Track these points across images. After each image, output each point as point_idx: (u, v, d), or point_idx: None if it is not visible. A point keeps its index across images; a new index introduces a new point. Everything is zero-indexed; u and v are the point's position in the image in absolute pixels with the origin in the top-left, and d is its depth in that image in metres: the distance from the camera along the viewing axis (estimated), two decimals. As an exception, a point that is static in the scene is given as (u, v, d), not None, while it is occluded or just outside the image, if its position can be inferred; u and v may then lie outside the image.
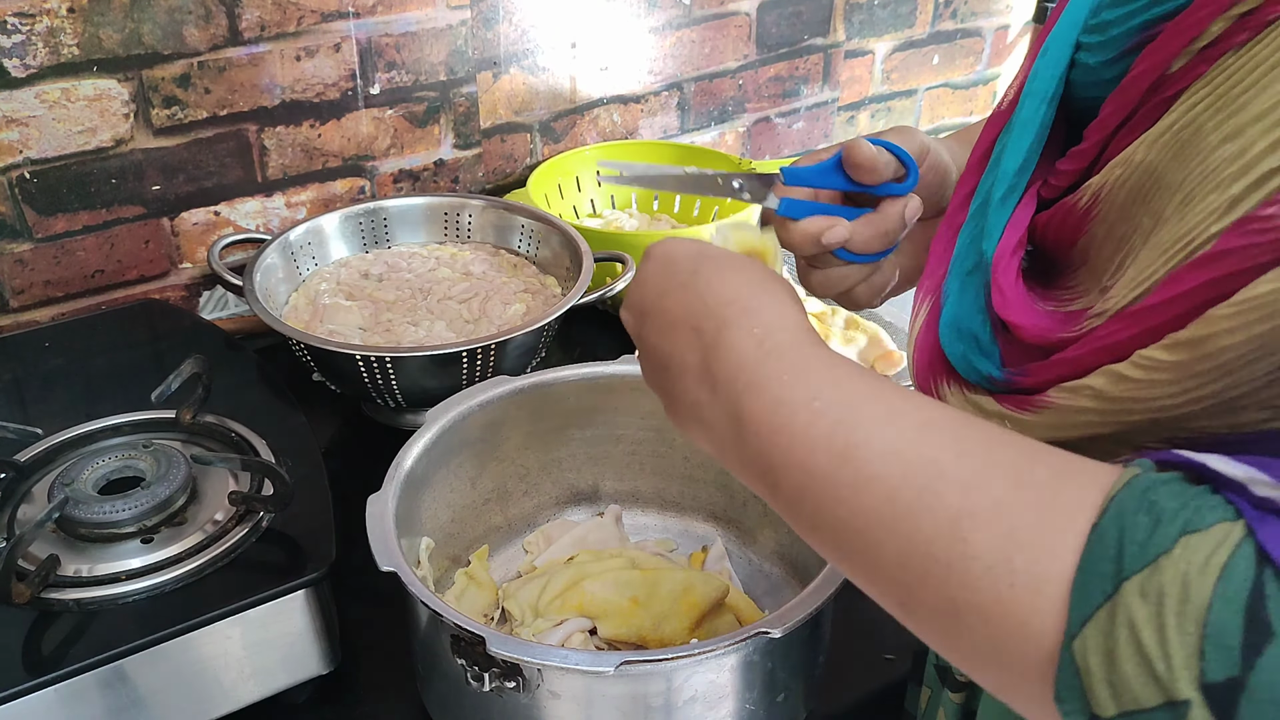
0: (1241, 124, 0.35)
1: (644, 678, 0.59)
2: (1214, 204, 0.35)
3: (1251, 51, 0.36)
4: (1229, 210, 0.34)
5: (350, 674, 0.75)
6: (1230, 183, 0.34)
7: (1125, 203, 0.41)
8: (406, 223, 1.14)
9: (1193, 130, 0.38)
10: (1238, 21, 0.37)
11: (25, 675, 0.60)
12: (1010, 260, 0.45)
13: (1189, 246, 0.35)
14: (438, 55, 1.16)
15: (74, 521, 0.69)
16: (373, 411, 1.02)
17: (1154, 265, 0.37)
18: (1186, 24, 0.39)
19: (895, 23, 1.54)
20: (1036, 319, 0.43)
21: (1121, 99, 0.42)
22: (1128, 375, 0.36)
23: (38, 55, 0.95)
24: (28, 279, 1.03)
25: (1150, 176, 0.40)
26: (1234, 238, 0.33)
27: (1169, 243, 0.37)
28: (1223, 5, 0.37)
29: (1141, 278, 0.37)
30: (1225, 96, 0.37)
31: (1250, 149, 0.34)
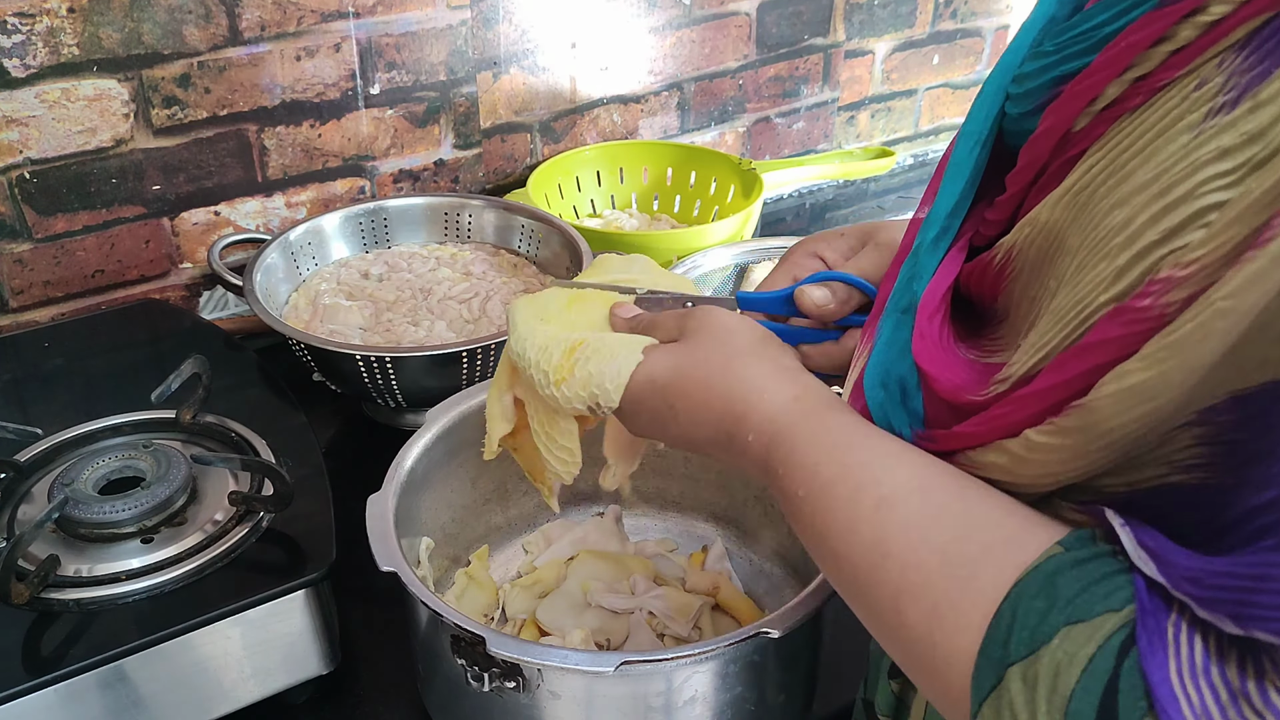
0: (1128, 192, 0.35)
1: (644, 678, 0.59)
2: (1103, 273, 0.35)
3: (1142, 116, 0.37)
4: (1115, 281, 0.35)
5: (350, 674, 0.75)
6: (1117, 253, 0.35)
7: (1035, 262, 0.42)
8: (406, 223, 1.14)
9: (1089, 194, 0.39)
10: (1132, 85, 0.38)
11: (25, 675, 0.60)
12: (937, 307, 0.46)
13: (1080, 315, 0.36)
14: (438, 55, 1.16)
15: (74, 521, 0.69)
16: (373, 411, 1.02)
17: (1050, 333, 0.38)
18: (1083, 86, 0.40)
19: (895, 23, 1.54)
20: (951, 369, 0.44)
21: (1032, 152, 0.43)
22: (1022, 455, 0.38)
23: (38, 55, 0.95)
24: (28, 279, 1.03)
25: (1054, 238, 0.40)
26: (1111, 327, 0.34)
27: (1064, 310, 0.37)
28: (1116, 69, 0.38)
29: (1040, 343, 0.38)
30: (1116, 161, 0.37)
31: (1135, 219, 0.34)
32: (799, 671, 0.67)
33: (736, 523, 0.85)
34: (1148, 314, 0.33)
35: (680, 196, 1.32)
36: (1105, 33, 0.39)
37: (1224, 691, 0.30)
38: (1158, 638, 0.31)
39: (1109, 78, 0.38)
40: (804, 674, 0.68)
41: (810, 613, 0.60)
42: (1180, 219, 0.33)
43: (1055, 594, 0.34)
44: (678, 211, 1.33)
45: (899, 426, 0.45)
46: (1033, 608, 0.34)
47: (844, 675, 0.74)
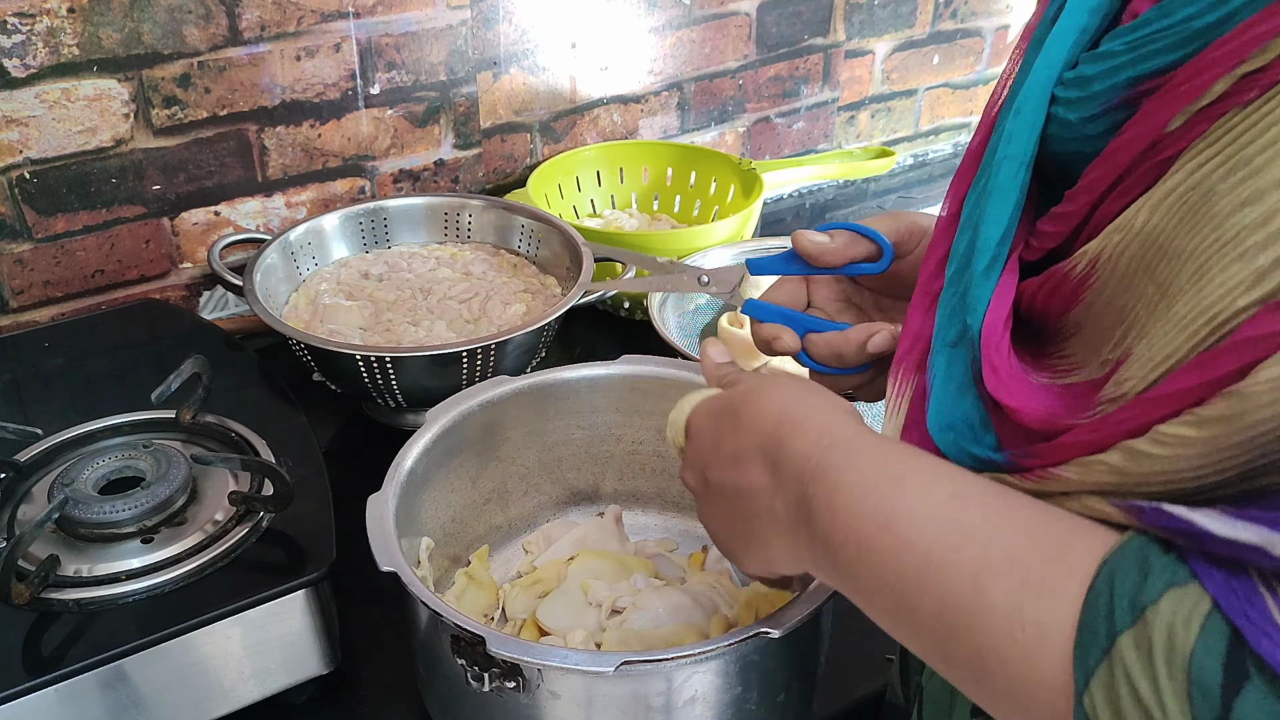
0: (1262, 188, 0.33)
1: (644, 678, 0.59)
2: (1238, 275, 0.33)
3: (1262, 109, 0.34)
4: (1257, 283, 0.32)
5: (350, 674, 0.75)
6: (1256, 253, 0.33)
7: (1127, 271, 0.39)
8: (406, 223, 1.14)
9: (1202, 194, 0.36)
10: (1241, 80, 0.35)
11: (25, 675, 0.60)
12: (1001, 335, 0.44)
13: (1214, 322, 0.34)
14: (438, 55, 1.16)
15: (74, 521, 0.69)
16: (373, 411, 1.02)
17: (1176, 342, 0.35)
18: (1187, 86, 0.37)
19: (895, 23, 1.54)
20: (1036, 401, 0.42)
21: (1110, 164, 0.41)
22: (1148, 452, 0.36)
23: (38, 55, 0.95)
24: (28, 279, 1.03)
25: (1154, 244, 0.38)
26: (1271, 321, 0.32)
27: (1189, 318, 0.35)
28: (1228, 65, 0.36)
29: (1162, 356, 0.36)
30: (1238, 158, 0.35)
31: (1275, 217, 0.32)
32: (799, 671, 0.67)
33: (736, 523, 0.85)
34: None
35: (680, 196, 1.32)
36: (1197, 26, 0.37)
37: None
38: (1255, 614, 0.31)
39: (1219, 74, 0.36)
40: (804, 674, 0.68)
41: (810, 613, 0.60)
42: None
43: (1149, 564, 0.34)
44: (678, 211, 1.33)
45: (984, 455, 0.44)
46: (1129, 578, 0.34)
47: (844, 675, 0.74)
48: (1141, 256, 0.39)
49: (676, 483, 0.86)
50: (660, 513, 0.88)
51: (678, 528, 0.87)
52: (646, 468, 0.86)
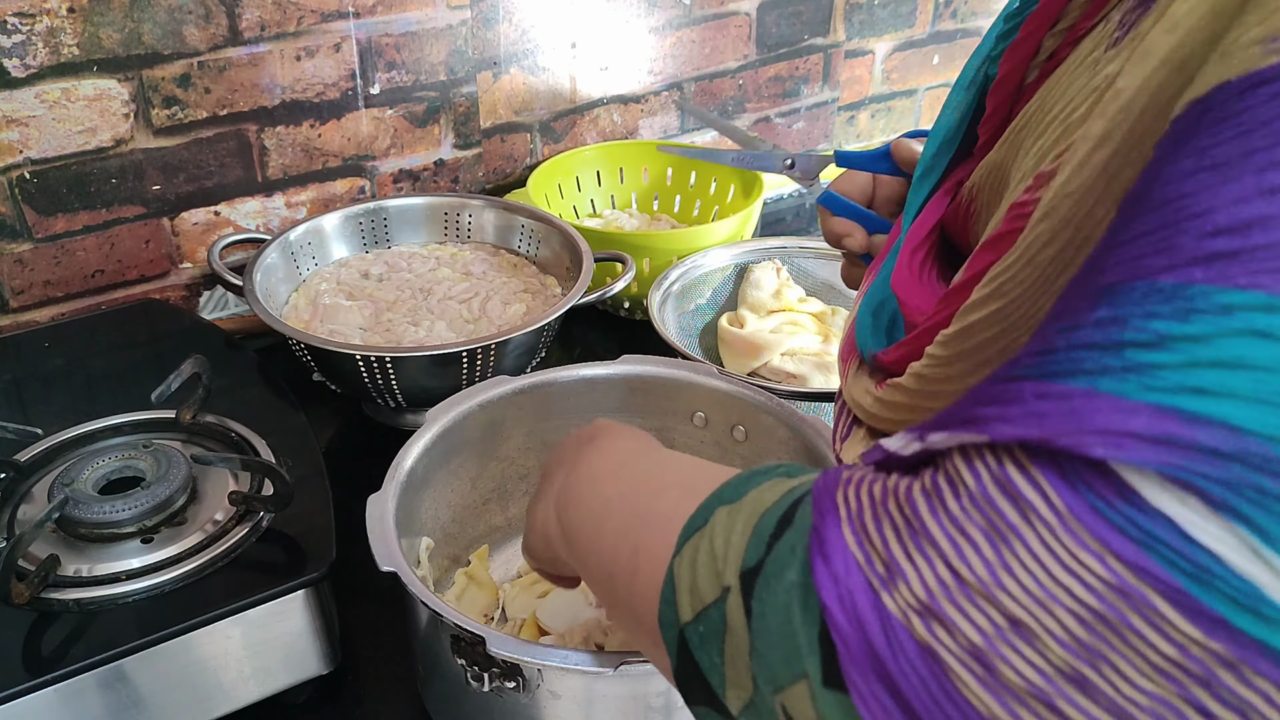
0: (1048, 122, 0.39)
1: (644, 678, 0.59)
2: (1016, 197, 0.38)
3: (1067, 61, 0.41)
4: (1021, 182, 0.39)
5: (350, 674, 0.75)
6: (1028, 175, 0.38)
7: (988, 200, 0.45)
8: (406, 223, 1.14)
9: (1025, 130, 0.42)
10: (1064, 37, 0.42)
11: (25, 675, 0.60)
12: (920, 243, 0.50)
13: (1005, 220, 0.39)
14: (438, 55, 1.16)
15: (74, 521, 0.69)
16: (373, 411, 1.02)
17: None
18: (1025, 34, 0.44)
19: (895, 23, 1.54)
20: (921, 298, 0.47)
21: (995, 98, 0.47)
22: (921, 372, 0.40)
23: (38, 55, 0.95)
24: (28, 279, 1.03)
25: (1000, 174, 0.44)
26: (1007, 222, 0.36)
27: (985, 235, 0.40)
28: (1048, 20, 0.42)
29: None
30: (1045, 101, 0.41)
31: (1043, 145, 0.38)
32: (799, 671, 0.67)
33: (736, 523, 0.85)
34: (1025, 209, 0.35)
35: (680, 196, 1.32)
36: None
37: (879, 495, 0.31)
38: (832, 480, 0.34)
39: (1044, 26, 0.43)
40: (804, 674, 0.68)
41: (810, 613, 0.60)
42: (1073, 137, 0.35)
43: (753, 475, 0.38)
44: (678, 211, 1.33)
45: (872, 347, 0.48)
46: (733, 482, 0.38)
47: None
48: (995, 186, 0.45)
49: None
50: (660, 513, 0.88)
51: (678, 528, 0.87)
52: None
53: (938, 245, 0.50)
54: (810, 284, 1.13)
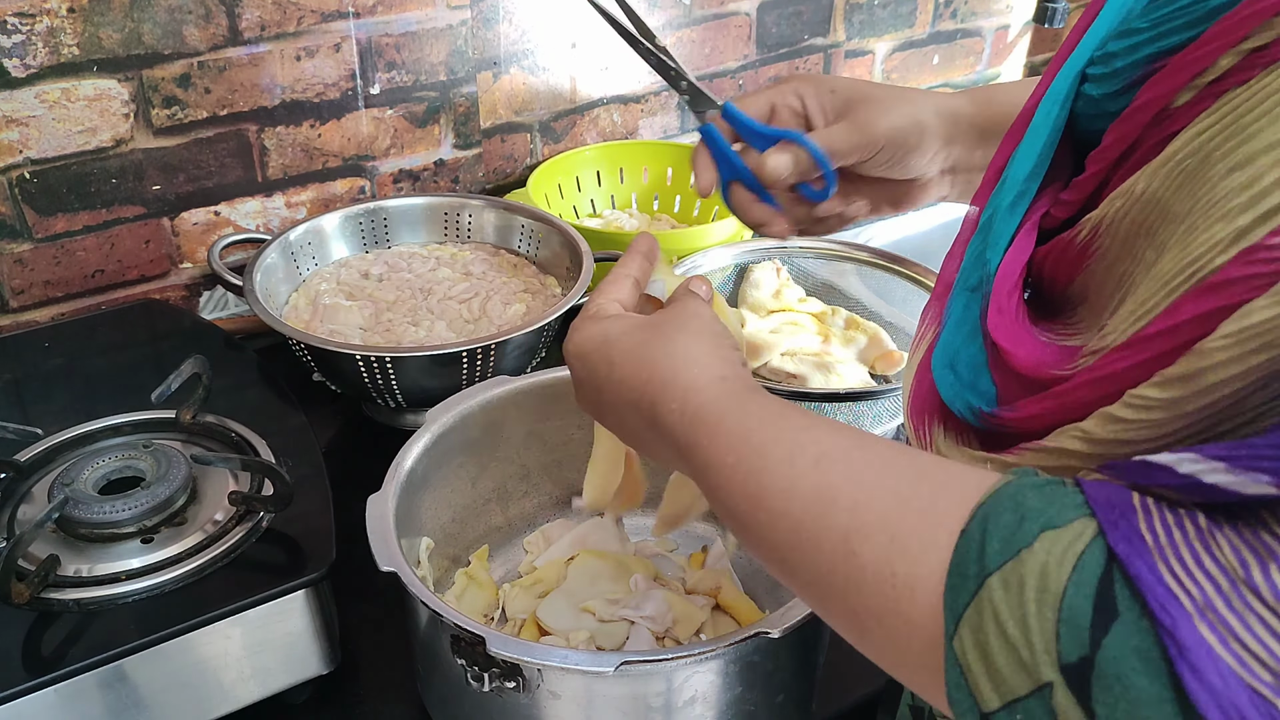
0: (1252, 153, 0.34)
1: (644, 678, 0.59)
2: (1219, 234, 0.33)
3: (1262, 83, 0.35)
4: (1235, 241, 0.32)
5: (350, 674, 0.75)
6: (1238, 213, 0.33)
7: (1127, 236, 0.40)
8: (406, 223, 1.14)
9: (1199, 160, 0.36)
10: (1247, 57, 0.36)
11: (25, 675, 0.60)
12: (1015, 283, 0.44)
13: (1193, 278, 0.34)
14: (438, 55, 1.16)
15: (74, 521, 0.69)
16: (373, 411, 1.02)
17: (1155, 297, 0.36)
18: (1193, 57, 0.38)
19: (895, 23, 1.54)
20: (1031, 347, 0.42)
21: (1123, 129, 0.41)
22: (1120, 416, 0.35)
23: (38, 55, 0.95)
24: (28, 279, 1.03)
25: (1154, 208, 0.38)
26: (1237, 267, 0.32)
27: (1170, 273, 0.35)
28: (1232, 40, 0.36)
29: (1141, 311, 0.36)
30: (1234, 126, 0.35)
31: (1261, 179, 0.32)
32: (799, 671, 0.67)
33: (736, 523, 0.85)
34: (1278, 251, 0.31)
35: (680, 196, 1.32)
36: (1212, 5, 0.37)
37: (1224, 580, 0.29)
38: (1135, 538, 0.30)
39: (1224, 48, 0.37)
40: (804, 674, 0.68)
41: (810, 613, 0.60)
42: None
43: (1024, 507, 0.33)
44: (678, 211, 1.33)
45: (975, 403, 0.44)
46: (1003, 521, 0.33)
47: (844, 675, 0.74)
48: (1141, 221, 0.39)
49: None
50: (660, 513, 0.88)
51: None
52: (647, 468, 0.86)
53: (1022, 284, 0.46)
54: (810, 284, 1.13)
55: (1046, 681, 0.30)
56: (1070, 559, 0.31)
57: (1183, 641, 0.28)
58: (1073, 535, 0.31)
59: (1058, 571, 0.31)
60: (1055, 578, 0.31)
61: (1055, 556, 0.31)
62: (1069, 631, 0.30)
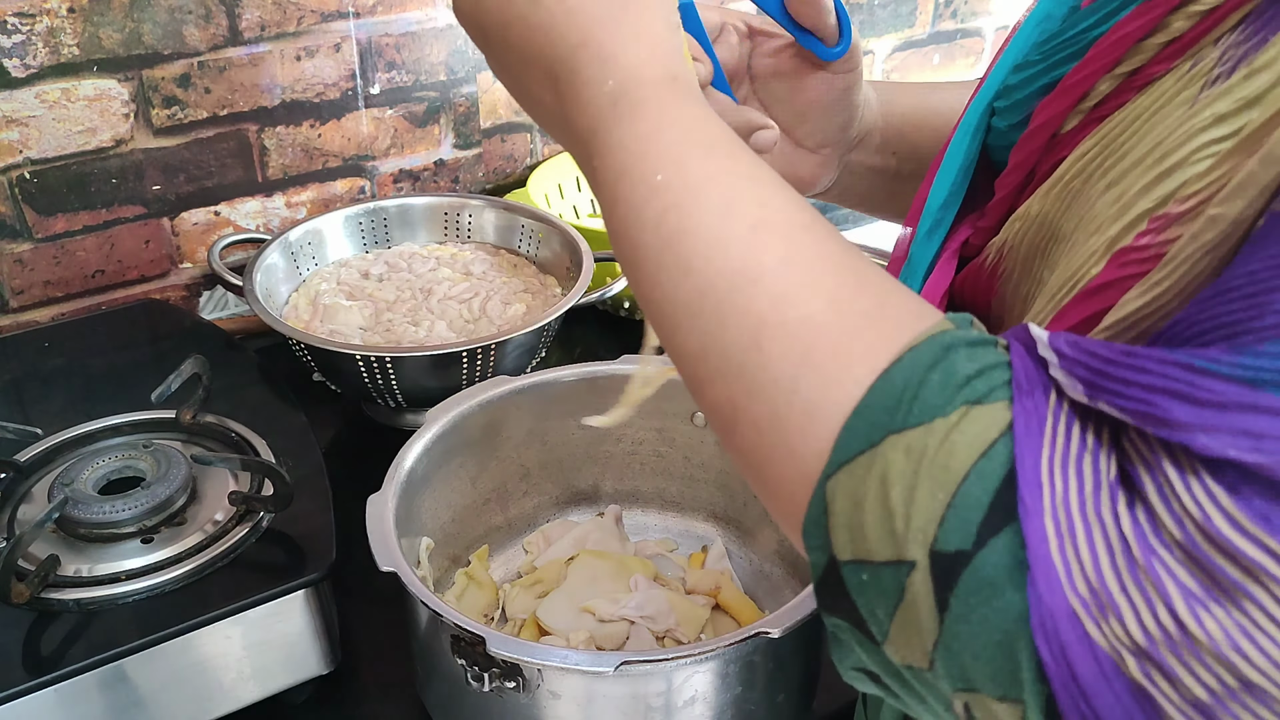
0: (1122, 170, 0.35)
1: (644, 678, 0.59)
2: (1094, 246, 0.34)
3: (1135, 103, 0.37)
4: (1106, 251, 0.34)
5: (350, 674, 0.75)
6: (1109, 225, 0.34)
7: (1026, 256, 0.41)
8: (406, 223, 1.14)
9: (1082, 180, 0.38)
10: (1124, 81, 0.37)
11: (25, 675, 0.60)
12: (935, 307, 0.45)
13: (1074, 290, 0.35)
14: (438, 55, 1.16)
15: (74, 521, 0.69)
16: (373, 411, 1.02)
17: (1043, 311, 0.37)
18: (1075, 81, 0.39)
19: (895, 23, 1.54)
20: None
21: (1022, 153, 0.42)
22: None
23: (38, 55, 0.95)
24: (28, 279, 1.03)
25: (1046, 228, 0.39)
26: (1112, 270, 0.33)
27: (1055, 288, 0.36)
28: (1107, 64, 0.37)
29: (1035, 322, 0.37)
30: (1110, 146, 0.37)
31: (1127, 192, 0.34)
32: (799, 671, 0.67)
33: (736, 523, 0.85)
34: (1146, 252, 0.32)
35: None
36: (1092, 36, 0.39)
37: (1090, 480, 0.28)
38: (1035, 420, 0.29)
39: (1100, 71, 0.38)
40: (804, 674, 0.68)
41: (810, 613, 0.60)
42: (1176, 184, 0.32)
43: (952, 369, 0.31)
44: (678, 211, 1.33)
45: None
46: (928, 379, 0.30)
47: (844, 675, 0.74)
48: (1036, 242, 0.40)
49: (677, 482, 0.87)
50: (660, 513, 0.88)
51: (678, 528, 0.87)
52: (646, 468, 0.86)
53: None
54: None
55: (910, 559, 0.29)
56: (981, 444, 0.29)
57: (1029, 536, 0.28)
58: (989, 418, 0.29)
59: (964, 453, 0.29)
60: (960, 459, 0.29)
61: (967, 437, 0.29)
62: (956, 520, 0.29)
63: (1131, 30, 0.37)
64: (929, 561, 0.29)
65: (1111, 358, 0.29)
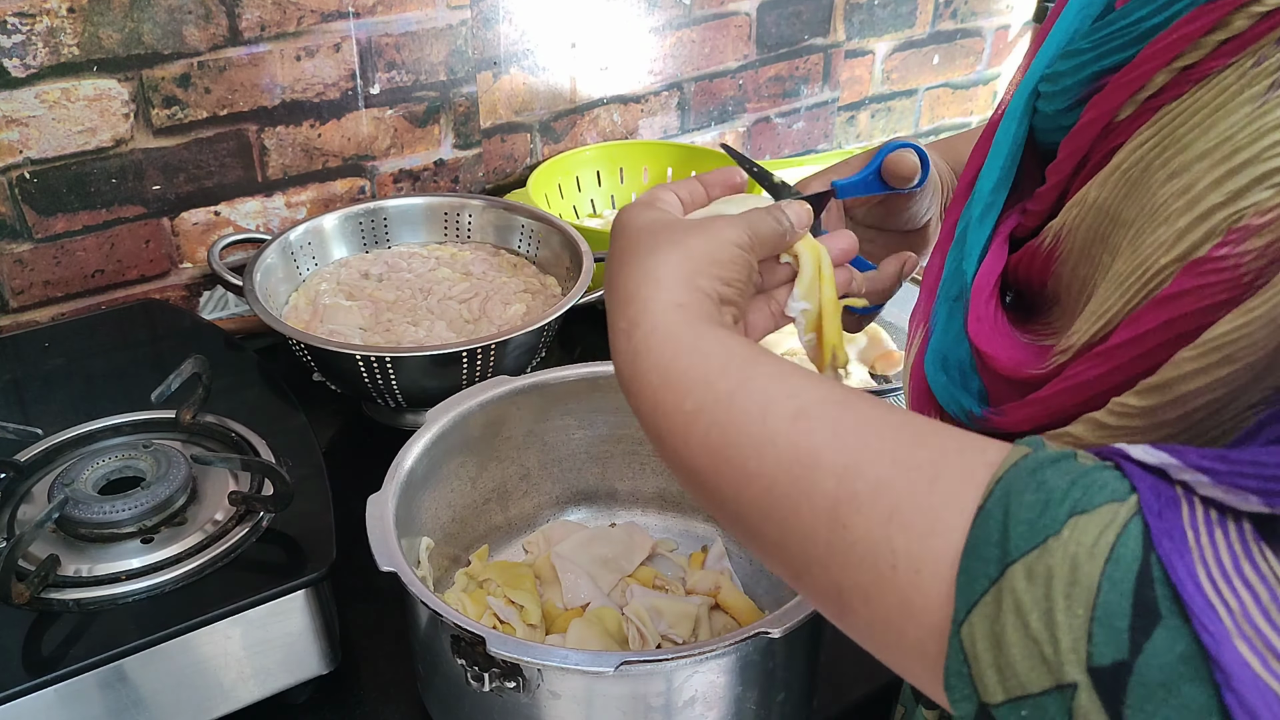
0: (1186, 161, 0.36)
1: (644, 678, 0.59)
2: (1162, 237, 0.36)
3: (1194, 96, 0.38)
4: (1176, 243, 0.35)
5: (350, 674, 0.75)
6: (1177, 217, 0.35)
7: (1085, 242, 0.42)
8: (406, 223, 1.14)
9: (1141, 169, 0.39)
10: (1180, 74, 0.39)
11: (25, 675, 0.60)
12: (991, 292, 0.46)
13: (1142, 279, 0.36)
14: (438, 55, 1.16)
15: (74, 521, 0.69)
16: (373, 411, 1.02)
17: (1110, 299, 0.38)
18: (1131, 76, 0.40)
19: (895, 23, 1.54)
20: (1010, 350, 0.43)
21: (1074, 143, 0.43)
22: (1104, 422, 0.36)
23: (38, 55, 0.95)
24: (28, 279, 1.03)
25: (1105, 215, 0.41)
26: (1188, 279, 0.34)
27: (1123, 275, 0.37)
28: (1165, 59, 0.39)
29: (1100, 311, 0.38)
30: (1170, 137, 0.38)
31: (1195, 185, 0.35)
32: (799, 671, 0.67)
33: (736, 523, 0.85)
34: (1224, 264, 0.33)
35: (680, 196, 1.32)
36: (1146, 26, 0.40)
37: (1264, 591, 0.27)
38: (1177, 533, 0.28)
39: (1158, 67, 0.39)
40: (804, 674, 0.68)
41: (810, 613, 0.60)
42: (1246, 180, 0.33)
43: (1047, 487, 0.31)
44: (678, 211, 1.33)
45: (967, 405, 0.44)
46: (1025, 501, 0.31)
47: (844, 675, 0.74)
48: (1095, 227, 0.41)
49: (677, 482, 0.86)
50: (660, 513, 0.88)
51: (678, 527, 0.87)
52: (646, 467, 0.86)
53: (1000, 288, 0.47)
54: (810, 284, 1.13)
55: (1070, 682, 0.29)
56: (1102, 550, 0.29)
57: (1223, 661, 0.27)
58: (1102, 522, 0.29)
59: (1089, 564, 0.29)
60: (1087, 571, 0.29)
61: (1085, 547, 0.29)
62: (1104, 633, 0.28)
63: (1193, 29, 0.38)
64: (1090, 680, 0.29)
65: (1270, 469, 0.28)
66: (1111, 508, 0.30)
